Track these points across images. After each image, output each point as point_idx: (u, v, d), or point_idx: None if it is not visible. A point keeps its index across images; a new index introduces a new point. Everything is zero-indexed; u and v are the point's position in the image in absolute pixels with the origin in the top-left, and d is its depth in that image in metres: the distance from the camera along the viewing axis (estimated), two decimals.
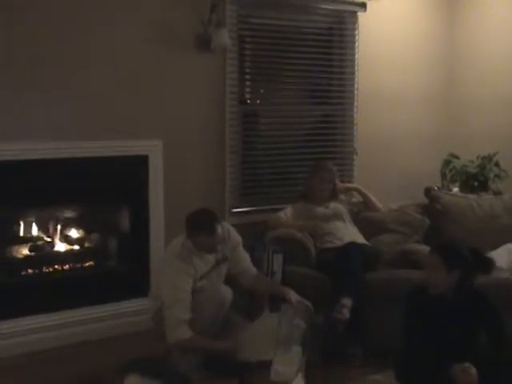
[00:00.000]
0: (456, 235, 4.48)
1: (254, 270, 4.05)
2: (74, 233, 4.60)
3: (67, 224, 4.57)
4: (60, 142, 4.16)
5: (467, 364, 3.11)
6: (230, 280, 3.94)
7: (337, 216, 4.65)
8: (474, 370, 3.09)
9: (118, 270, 4.59)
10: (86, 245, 4.64)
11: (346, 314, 3.81)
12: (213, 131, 4.84)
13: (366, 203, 4.88)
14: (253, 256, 4.19)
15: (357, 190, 5.00)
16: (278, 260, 4.17)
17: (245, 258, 4.02)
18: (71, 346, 4.16)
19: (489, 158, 5.40)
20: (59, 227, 4.53)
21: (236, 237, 3.96)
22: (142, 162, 4.48)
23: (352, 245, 4.27)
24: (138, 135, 4.45)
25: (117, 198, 4.50)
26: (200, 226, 3.66)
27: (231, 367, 3.60)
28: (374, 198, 4.88)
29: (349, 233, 4.55)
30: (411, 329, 3.36)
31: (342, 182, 5.08)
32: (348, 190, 5.01)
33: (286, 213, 4.69)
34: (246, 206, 5.03)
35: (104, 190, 4.39)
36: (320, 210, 4.70)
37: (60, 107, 4.17)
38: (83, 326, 4.29)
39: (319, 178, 4.75)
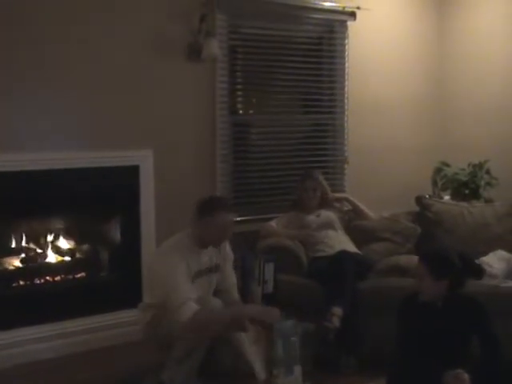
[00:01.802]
0: (447, 243, 4.48)
1: (236, 294, 3.92)
2: (65, 244, 4.59)
3: (58, 235, 4.55)
4: (50, 153, 4.16)
5: (460, 370, 3.12)
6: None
7: (328, 225, 4.65)
8: (466, 376, 3.10)
9: (110, 280, 4.59)
10: (78, 256, 4.62)
11: (336, 322, 3.81)
12: (203, 141, 4.84)
13: (357, 212, 4.88)
14: (244, 265, 4.19)
15: (347, 199, 4.99)
16: (269, 269, 4.18)
17: (232, 277, 3.91)
18: (62, 358, 4.14)
19: (480, 165, 5.42)
20: (50, 238, 4.52)
21: (230, 252, 3.90)
22: (132, 172, 4.48)
23: (344, 253, 4.27)
24: (128, 145, 4.45)
25: (108, 208, 4.48)
26: (222, 204, 3.69)
27: (226, 378, 3.60)
28: (364, 207, 4.88)
29: (340, 241, 4.55)
30: (404, 336, 3.36)
31: (333, 191, 5.07)
32: (337, 199, 5.00)
33: (278, 222, 4.70)
34: (238, 216, 5.00)
35: (95, 200, 4.37)
36: (311, 218, 4.70)
37: (50, 119, 4.17)
38: (75, 337, 4.26)
39: (304, 187, 4.76)
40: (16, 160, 4.05)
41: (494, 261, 4.29)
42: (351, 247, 4.52)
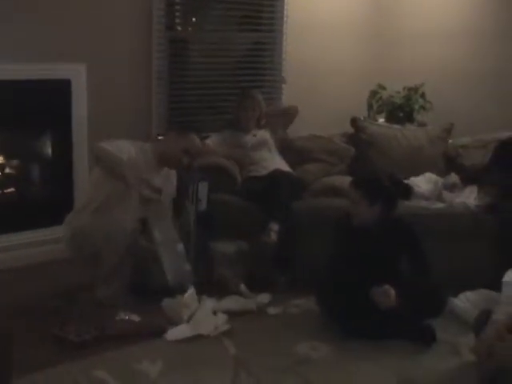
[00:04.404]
0: (380, 165, 4.54)
1: None
2: None
3: None
4: None
5: (386, 286, 3.21)
6: None
7: (263, 145, 4.64)
8: (392, 292, 3.20)
9: (40, 197, 4.52)
10: (7, 171, 4.50)
11: (274, 237, 3.91)
12: (139, 57, 4.72)
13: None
14: (180, 184, 4.16)
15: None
16: (203, 188, 4.15)
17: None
18: None
19: (415, 89, 5.46)
20: None
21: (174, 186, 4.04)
22: (64, 86, 4.35)
23: (278, 172, 4.32)
24: (59, 58, 4.29)
25: (38, 123, 4.36)
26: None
27: (157, 292, 3.63)
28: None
29: (275, 162, 4.55)
30: (337, 257, 3.44)
31: None
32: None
33: (213, 140, 4.66)
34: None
35: (25, 114, 4.22)
36: (247, 138, 4.68)
37: None
38: (3, 253, 4.21)
39: (243, 106, 4.71)
40: None
41: (422, 182, 4.39)
42: (285, 168, 4.53)
